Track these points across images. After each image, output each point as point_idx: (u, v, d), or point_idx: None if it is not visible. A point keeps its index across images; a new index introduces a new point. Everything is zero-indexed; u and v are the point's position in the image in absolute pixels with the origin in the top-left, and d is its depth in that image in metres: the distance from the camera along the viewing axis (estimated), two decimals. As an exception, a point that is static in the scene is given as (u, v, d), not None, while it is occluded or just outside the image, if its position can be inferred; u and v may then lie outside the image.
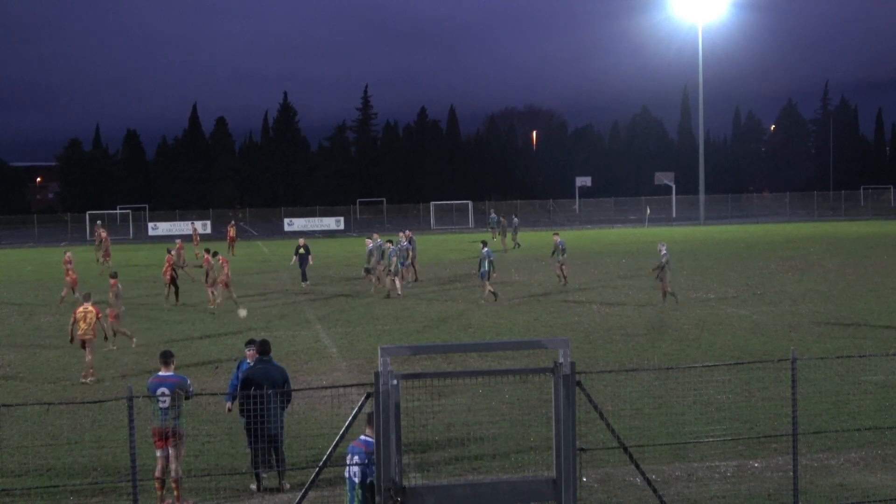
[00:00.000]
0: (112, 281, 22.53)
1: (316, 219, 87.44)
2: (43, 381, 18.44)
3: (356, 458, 8.76)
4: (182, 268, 34.79)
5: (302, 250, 34.24)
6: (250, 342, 12.95)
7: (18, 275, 41.67)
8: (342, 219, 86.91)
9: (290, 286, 33.32)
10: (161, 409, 11.28)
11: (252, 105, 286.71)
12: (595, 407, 8.65)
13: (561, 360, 7.54)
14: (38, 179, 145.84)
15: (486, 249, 28.72)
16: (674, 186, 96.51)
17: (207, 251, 30.95)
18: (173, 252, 32.65)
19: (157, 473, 11.37)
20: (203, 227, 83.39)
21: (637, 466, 8.98)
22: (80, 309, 18.66)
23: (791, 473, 10.55)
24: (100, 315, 18.77)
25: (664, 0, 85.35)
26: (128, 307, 28.03)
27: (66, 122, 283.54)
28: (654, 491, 9.04)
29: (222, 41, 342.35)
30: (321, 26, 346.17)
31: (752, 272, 36.03)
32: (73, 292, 29.52)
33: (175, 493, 11.32)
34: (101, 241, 45.64)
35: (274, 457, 11.93)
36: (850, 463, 12.43)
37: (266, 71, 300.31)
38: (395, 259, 30.46)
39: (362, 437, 8.84)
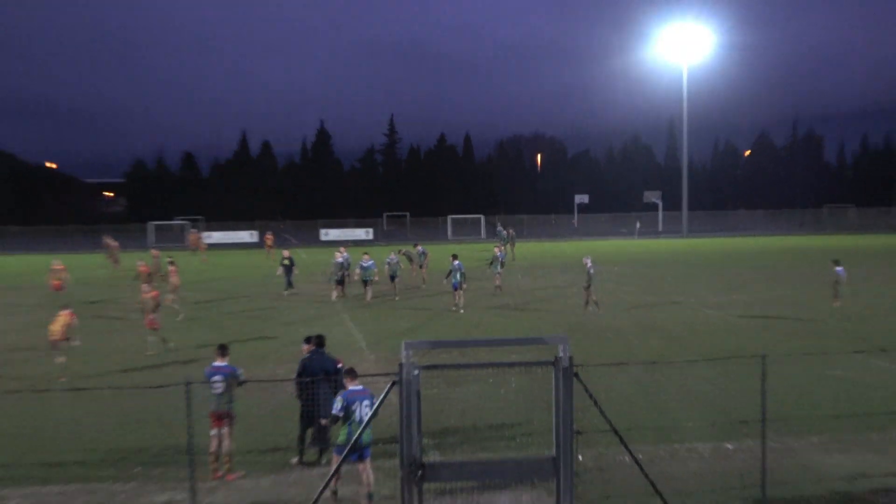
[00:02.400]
0: (153, 293, 21.67)
1: (348, 230, 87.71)
2: (111, 365, 18.60)
3: (367, 401, 10.26)
4: (157, 274, 33.32)
5: (286, 261, 33.20)
6: (308, 338, 12.97)
7: (94, 276, 42.03)
8: (371, 229, 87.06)
9: (325, 289, 33.34)
10: (216, 394, 11.43)
11: (293, 130, 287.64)
12: (590, 395, 8.69)
13: (561, 354, 7.61)
14: (109, 194, 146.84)
15: (456, 262, 27.70)
16: (661, 204, 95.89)
17: (142, 261, 29.55)
18: (141, 263, 30.96)
19: (213, 448, 11.51)
20: (251, 235, 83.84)
21: (626, 447, 9.02)
22: None
23: (760, 454, 10.58)
24: None
25: (655, 43, 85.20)
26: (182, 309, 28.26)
27: (131, 144, 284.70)
28: (641, 468, 9.07)
29: (268, 75, 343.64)
30: (354, 63, 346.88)
31: (729, 279, 35.85)
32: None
33: (227, 466, 11.45)
34: (109, 250, 43.21)
35: (320, 436, 12.03)
36: (811, 446, 12.42)
37: (305, 101, 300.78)
38: (375, 270, 30.46)
39: (360, 387, 10.52)
